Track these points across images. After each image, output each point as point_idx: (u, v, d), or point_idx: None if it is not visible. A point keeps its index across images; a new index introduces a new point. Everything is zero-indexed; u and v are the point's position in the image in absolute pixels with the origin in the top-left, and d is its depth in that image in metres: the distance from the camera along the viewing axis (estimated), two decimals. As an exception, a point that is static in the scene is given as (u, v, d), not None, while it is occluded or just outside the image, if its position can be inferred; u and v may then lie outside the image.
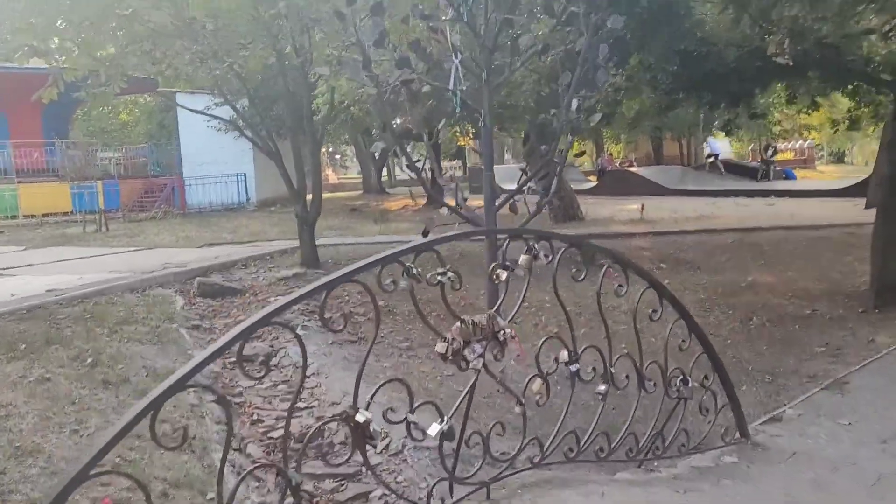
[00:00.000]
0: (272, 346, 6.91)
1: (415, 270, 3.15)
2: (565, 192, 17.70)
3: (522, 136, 20.48)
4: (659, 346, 4.28)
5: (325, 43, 8.34)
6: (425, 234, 7.19)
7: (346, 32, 6.76)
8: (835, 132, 15.66)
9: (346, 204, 25.45)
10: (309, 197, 10.54)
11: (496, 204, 7.18)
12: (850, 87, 8.57)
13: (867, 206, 18.87)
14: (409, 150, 9.33)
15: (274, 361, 6.51)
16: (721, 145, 34.90)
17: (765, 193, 24.26)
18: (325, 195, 25.50)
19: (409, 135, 7.02)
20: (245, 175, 24.20)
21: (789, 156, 55.74)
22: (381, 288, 2.99)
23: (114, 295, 8.18)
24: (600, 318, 4.09)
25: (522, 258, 3.82)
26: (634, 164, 39.65)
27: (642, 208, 17.27)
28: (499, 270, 3.56)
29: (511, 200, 7.42)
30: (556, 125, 6.91)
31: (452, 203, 6.99)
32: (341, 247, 12.00)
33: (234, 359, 2.64)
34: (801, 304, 9.58)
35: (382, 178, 48.02)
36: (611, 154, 44.76)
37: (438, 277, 3.27)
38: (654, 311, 4.11)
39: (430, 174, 13.10)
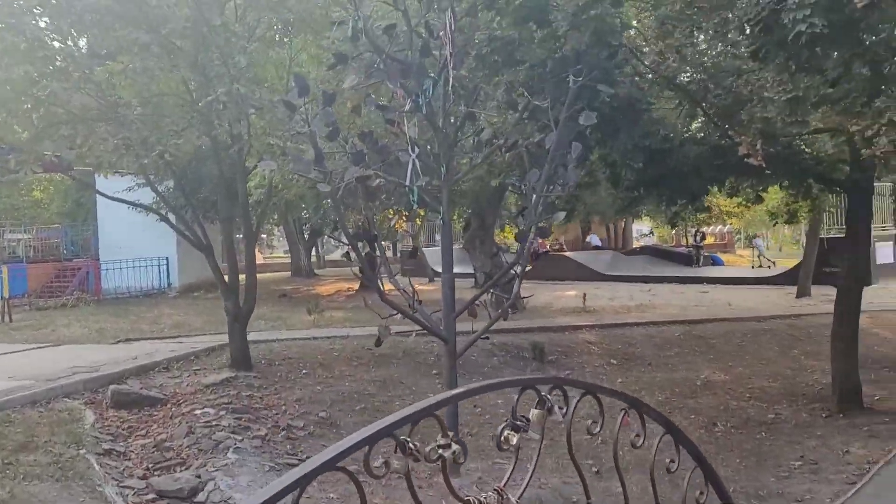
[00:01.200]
0: (199, 477, 5.94)
1: (411, 445, 2.45)
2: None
3: (462, 220, 20.21)
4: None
5: (265, 131, 7.73)
6: (378, 343, 6.50)
7: (293, 122, 6.19)
8: (774, 224, 15.89)
9: (275, 288, 24.36)
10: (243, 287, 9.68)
11: (455, 311, 6.56)
12: (804, 184, 8.52)
13: (798, 296, 19.19)
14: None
15: (202, 497, 5.56)
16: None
17: (697, 280, 24.54)
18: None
19: (365, 234, 6.40)
20: (167, 259, 22.92)
21: (711, 240, 57.78)
22: (371, 473, 2.27)
23: (11, 410, 7.07)
24: (601, 461, 3.41)
25: (534, 413, 3.14)
26: (565, 247, 40.03)
27: (584, 298, 16.99)
28: (507, 432, 2.89)
29: (474, 302, 6.83)
30: (522, 226, 6.38)
31: (389, 288, 6.33)
32: (274, 343, 11.06)
33: None
34: (762, 406, 9.21)
35: (312, 260, 47.03)
36: (540, 240, 45.16)
37: (440, 451, 2.57)
38: (672, 460, 3.50)
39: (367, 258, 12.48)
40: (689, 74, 8.56)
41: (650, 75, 8.34)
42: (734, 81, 7.90)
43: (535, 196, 6.28)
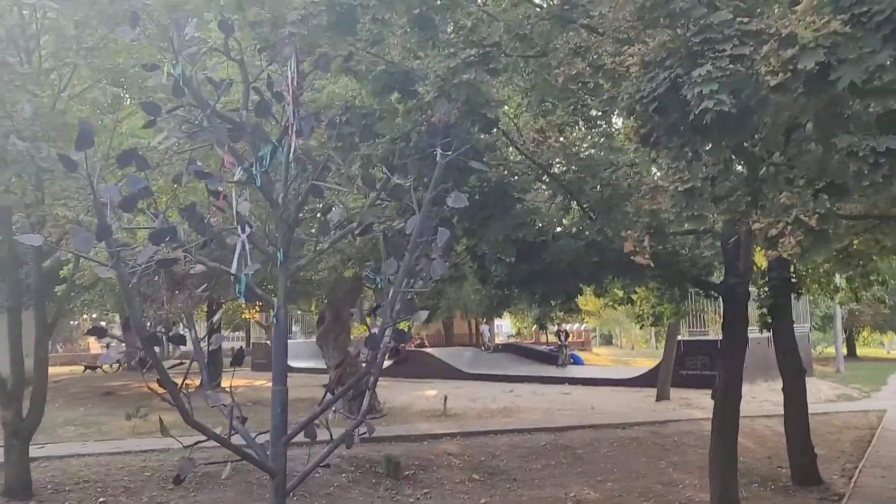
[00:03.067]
0: None
1: None
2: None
3: (316, 312, 18.73)
4: None
5: (57, 198, 6.23)
6: (177, 481, 4.98)
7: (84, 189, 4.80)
8: (640, 327, 15.67)
9: (101, 385, 21.47)
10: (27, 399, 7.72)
11: (287, 435, 5.17)
12: (680, 287, 7.98)
13: (658, 398, 19.01)
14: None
15: None
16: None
17: (559, 381, 24.12)
18: (83, 372, 21.40)
19: (167, 331, 4.98)
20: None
21: (570, 338, 58.98)
22: None
23: None
24: None
25: None
26: (426, 343, 39.06)
27: (445, 401, 15.83)
28: None
29: (312, 422, 5.47)
30: (376, 331, 5.16)
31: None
32: (73, 460, 8.99)
33: None
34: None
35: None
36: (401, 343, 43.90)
37: None
38: None
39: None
40: (562, 165, 7.95)
41: (523, 162, 7.63)
42: (613, 173, 7.31)
43: (391, 292, 5.09)
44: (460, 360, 27.92)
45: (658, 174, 6.40)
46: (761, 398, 17.62)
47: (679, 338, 20.52)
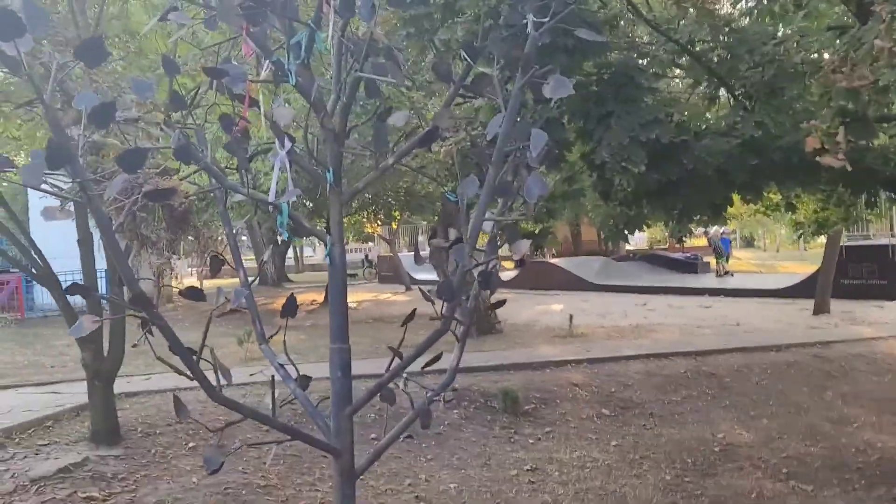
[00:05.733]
0: None
1: None
2: (480, 299, 14.87)
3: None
4: None
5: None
6: (210, 471, 4.06)
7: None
8: (800, 236, 13.61)
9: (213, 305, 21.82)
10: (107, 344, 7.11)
11: (352, 406, 4.10)
12: (870, 191, 6.13)
13: (815, 312, 16.85)
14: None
15: None
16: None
17: (698, 292, 22.18)
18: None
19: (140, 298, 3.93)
20: (105, 272, 20.38)
21: (702, 242, 55.56)
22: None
23: None
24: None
25: None
26: (553, 252, 37.61)
27: (571, 320, 14.56)
28: None
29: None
30: (455, 276, 3.86)
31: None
32: (162, 396, 8.49)
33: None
34: (806, 493, 6.80)
35: (289, 263, 44.13)
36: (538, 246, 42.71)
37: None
38: None
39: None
40: (707, 41, 6.15)
41: (654, 40, 5.92)
42: (777, 47, 5.50)
43: (472, 219, 3.74)
44: (588, 271, 26.40)
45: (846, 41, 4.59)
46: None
47: (842, 243, 17.95)
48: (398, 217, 24.66)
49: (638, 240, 47.83)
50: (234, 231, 4.37)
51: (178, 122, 3.45)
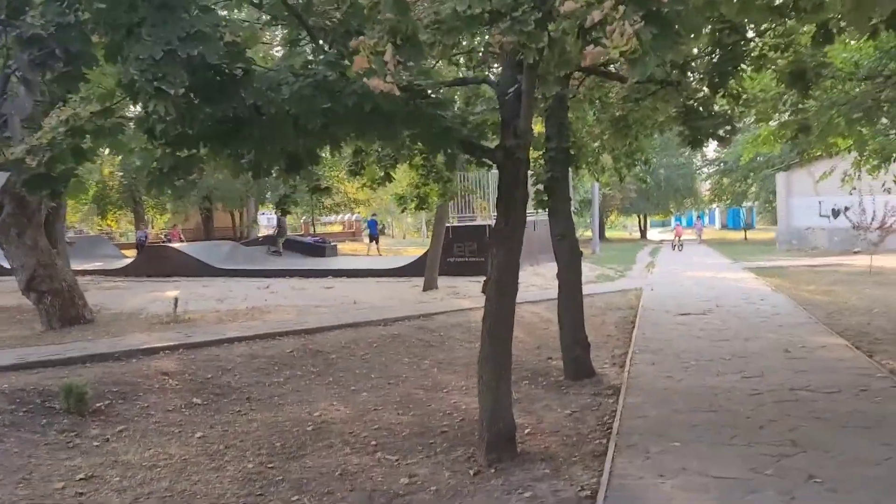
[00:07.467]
0: None
1: None
2: (64, 281, 12.63)
3: None
4: None
5: None
6: None
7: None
8: (402, 211, 13.92)
9: None
10: None
11: None
12: (447, 151, 6.00)
13: (425, 289, 17.81)
14: None
15: None
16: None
17: (322, 273, 22.20)
18: None
19: None
20: None
21: (338, 228, 57.14)
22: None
23: None
24: None
25: None
26: (182, 237, 35.03)
27: (175, 303, 13.13)
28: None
29: None
30: None
31: None
32: None
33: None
34: (392, 463, 6.56)
35: None
36: (175, 226, 39.30)
37: None
38: None
39: None
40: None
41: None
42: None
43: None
44: (213, 255, 24.88)
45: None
46: (527, 282, 16.98)
47: (448, 224, 19.33)
48: None
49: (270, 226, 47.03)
50: None
51: None
